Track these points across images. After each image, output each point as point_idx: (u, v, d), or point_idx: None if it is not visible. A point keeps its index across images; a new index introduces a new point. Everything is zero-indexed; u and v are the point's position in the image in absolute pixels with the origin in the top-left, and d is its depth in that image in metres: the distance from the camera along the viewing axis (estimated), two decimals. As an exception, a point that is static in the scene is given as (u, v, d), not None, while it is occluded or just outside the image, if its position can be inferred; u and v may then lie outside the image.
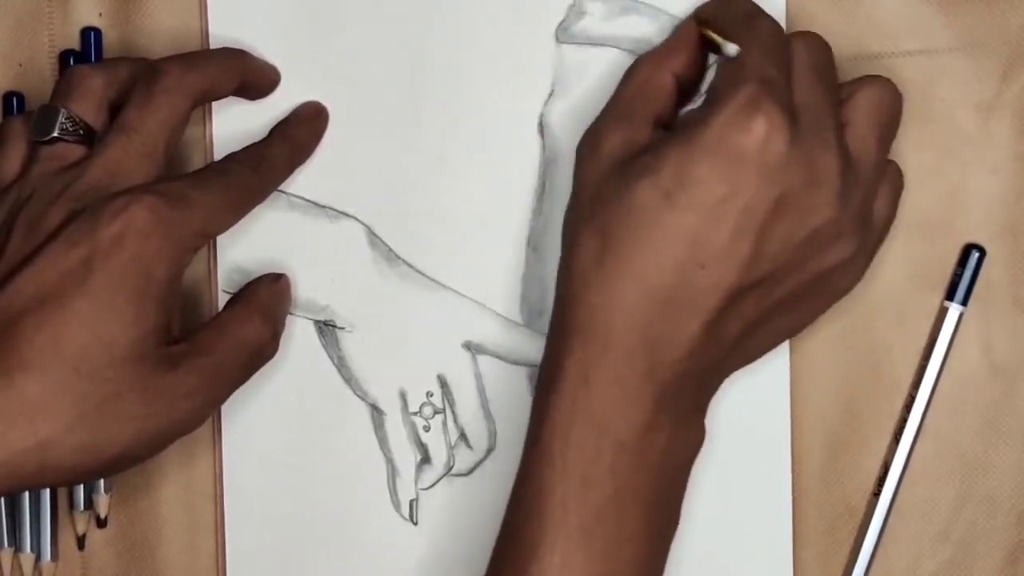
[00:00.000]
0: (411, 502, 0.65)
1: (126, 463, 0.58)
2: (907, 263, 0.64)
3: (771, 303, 0.57)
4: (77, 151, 0.59)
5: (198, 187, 0.59)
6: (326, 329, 0.65)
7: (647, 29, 0.64)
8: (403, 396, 0.65)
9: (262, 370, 0.62)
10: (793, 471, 0.64)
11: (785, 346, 0.64)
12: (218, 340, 0.60)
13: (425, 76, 0.65)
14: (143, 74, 0.60)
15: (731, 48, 0.57)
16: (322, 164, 0.65)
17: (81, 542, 0.66)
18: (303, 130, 0.64)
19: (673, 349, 0.55)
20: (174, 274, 0.58)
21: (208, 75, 0.61)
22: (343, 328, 0.65)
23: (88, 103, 0.60)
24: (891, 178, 0.60)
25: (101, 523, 0.66)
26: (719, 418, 0.64)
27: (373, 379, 0.65)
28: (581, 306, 0.56)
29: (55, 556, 0.66)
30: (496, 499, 0.65)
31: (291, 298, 0.64)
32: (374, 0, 0.65)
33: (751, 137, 0.54)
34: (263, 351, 0.62)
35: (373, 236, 0.65)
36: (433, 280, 0.65)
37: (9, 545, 0.66)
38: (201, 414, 0.59)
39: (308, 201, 0.65)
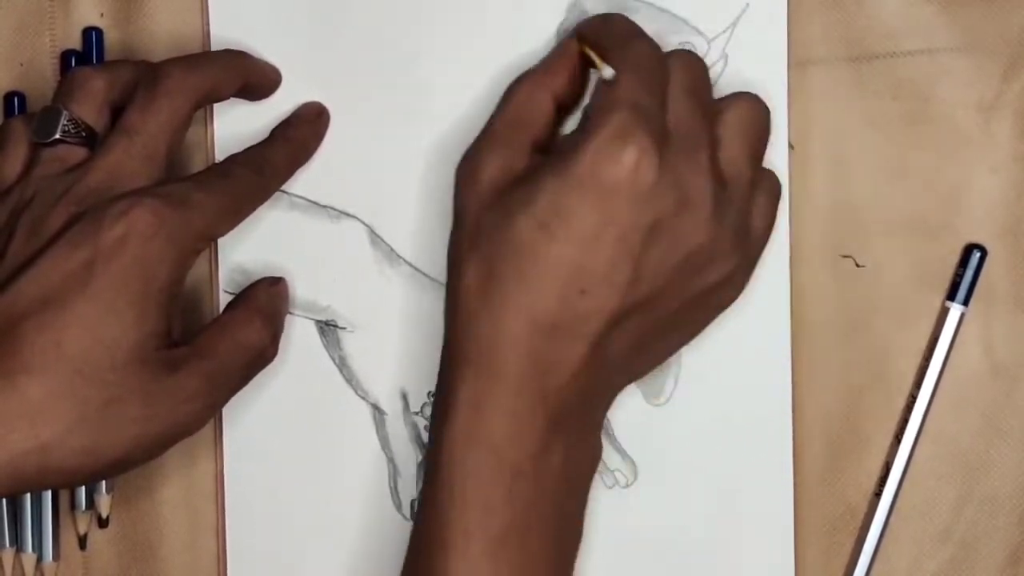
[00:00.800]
0: (412, 502, 0.65)
1: (127, 466, 0.57)
2: (908, 263, 0.64)
3: (654, 323, 0.57)
4: (79, 153, 0.59)
5: (200, 189, 0.59)
6: (327, 329, 0.65)
7: (647, 29, 0.63)
8: (404, 396, 0.65)
9: (263, 370, 0.62)
10: (794, 471, 0.64)
11: (786, 346, 0.64)
12: (219, 343, 0.60)
13: (425, 76, 0.65)
14: (145, 76, 0.60)
15: (607, 71, 0.57)
16: (323, 164, 0.65)
17: (83, 542, 0.66)
18: (304, 131, 0.64)
19: (562, 374, 0.56)
20: (176, 277, 0.58)
21: (210, 77, 0.61)
22: (344, 328, 0.65)
23: (90, 105, 0.60)
24: (767, 187, 0.60)
25: (103, 523, 0.66)
26: (720, 418, 0.64)
27: (374, 379, 0.65)
28: (469, 337, 0.56)
29: (56, 556, 0.66)
30: (497, 499, 0.65)
31: (289, 301, 0.65)
32: (374, 0, 0.65)
33: (621, 168, 0.55)
34: (264, 354, 0.62)
35: (374, 236, 0.65)
36: (434, 280, 0.65)
37: (11, 545, 0.66)
38: (201, 417, 0.59)
39: (309, 201, 0.65)
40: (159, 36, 0.66)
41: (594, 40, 0.60)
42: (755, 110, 0.59)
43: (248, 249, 0.65)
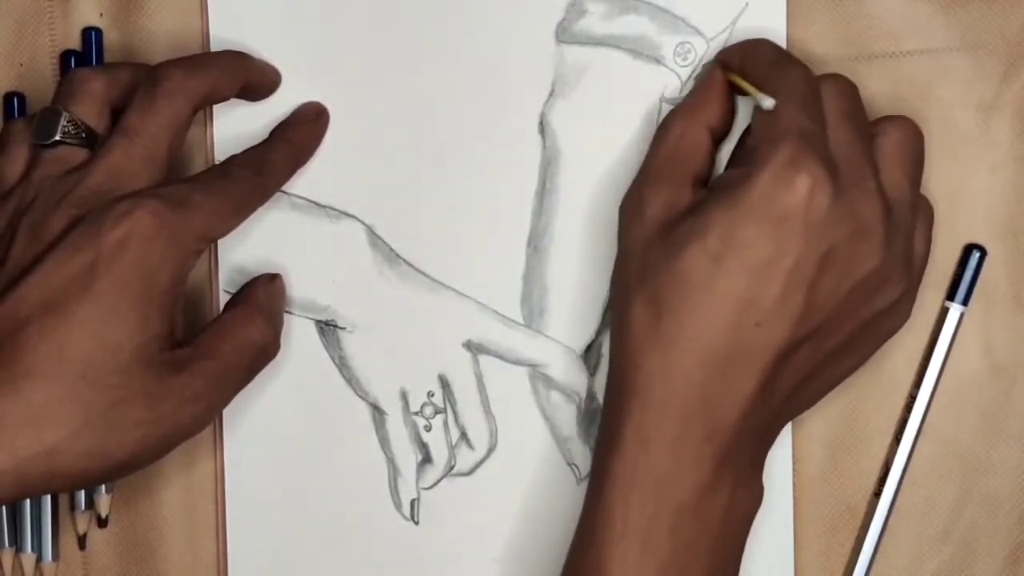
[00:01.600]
0: (412, 502, 0.65)
1: (132, 467, 0.58)
2: (908, 263, 0.64)
3: (824, 354, 0.57)
4: (79, 154, 0.59)
5: (200, 191, 0.59)
6: (327, 329, 0.65)
7: (648, 28, 0.64)
8: (404, 396, 0.65)
9: (264, 370, 0.62)
10: (794, 471, 0.64)
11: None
12: (221, 343, 0.60)
13: (425, 76, 0.65)
14: (145, 78, 0.60)
15: (768, 102, 0.57)
16: (323, 164, 0.65)
17: (82, 542, 0.66)
18: (304, 131, 0.64)
19: (730, 408, 0.56)
20: (177, 278, 0.58)
21: (210, 78, 0.61)
22: (344, 328, 0.65)
23: (90, 106, 0.60)
24: (925, 211, 0.60)
25: (102, 523, 0.66)
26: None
27: (374, 379, 0.65)
28: (639, 372, 0.56)
29: (56, 556, 0.66)
30: (497, 499, 0.65)
31: (286, 296, 0.65)
32: (374, 1, 0.65)
33: (795, 196, 0.55)
34: (266, 351, 0.62)
35: (374, 236, 0.65)
36: (434, 280, 0.65)
37: (10, 545, 0.66)
38: (206, 417, 0.59)
39: (309, 201, 0.65)
40: (159, 36, 0.66)
41: (743, 68, 0.60)
42: (912, 134, 0.59)
43: (248, 249, 0.65)
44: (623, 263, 0.59)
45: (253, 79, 0.63)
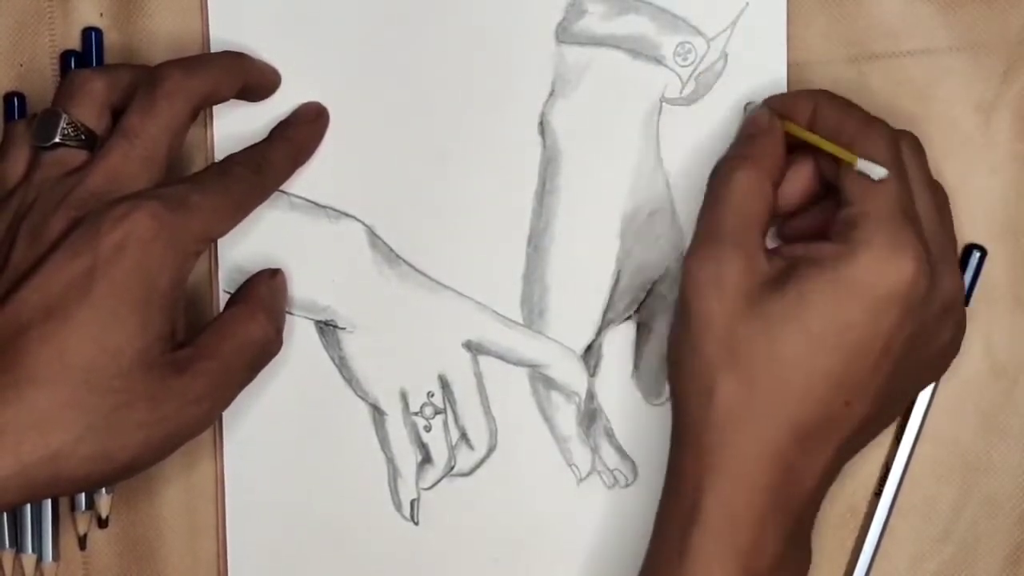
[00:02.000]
0: (412, 502, 0.65)
1: (137, 469, 0.58)
2: (908, 263, 0.64)
3: (887, 415, 0.59)
4: (79, 156, 0.59)
5: (199, 191, 0.58)
6: (327, 329, 0.65)
7: (648, 28, 0.64)
8: (404, 396, 0.65)
9: (263, 370, 0.62)
10: (794, 471, 0.64)
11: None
12: (223, 342, 0.60)
13: (425, 76, 0.65)
14: (145, 79, 0.60)
15: (879, 171, 0.55)
16: (323, 164, 0.65)
17: (82, 542, 0.66)
18: (304, 131, 0.64)
19: (809, 481, 0.56)
20: (177, 280, 0.57)
21: (210, 79, 0.61)
22: (344, 328, 0.65)
23: (90, 108, 0.60)
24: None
25: (102, 523, 0.66)
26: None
27: (374, 379, 0.65)
28: (727, 448, 0.56)
29: (56, 556, 0.66)
30: (497, 499, 0.65)
31: (288, 293, 0.64)
32: (374, 1, 0.65)
33: (901, 279, 0.54)
34: (268, 348, 0.62)
35: (374, 236, 0.65)
36: (434, 280, 0.65)
37: (11, 546, 0.66)
38: (210, 416, 0.59)
39: (309, 201, 0.65)
40: (158, 36, 0.66)
41: (814, 120, 0.59)
42: (945, 197, 0.60)
43: (248, 249, 0.65)
44: (701, 332, 0.56)
45: (253, 80, 0.63)
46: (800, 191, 0.60)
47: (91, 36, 0.65)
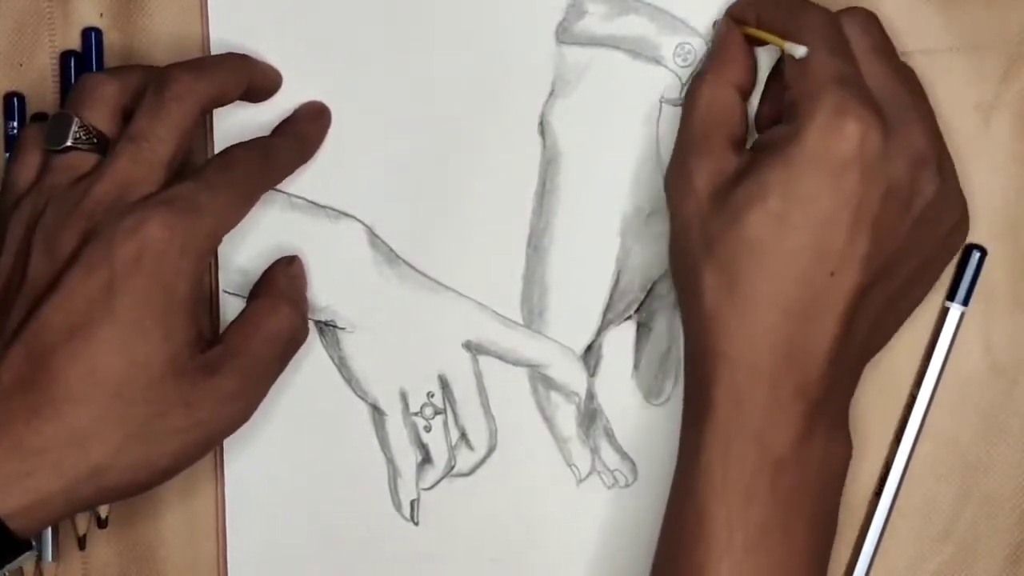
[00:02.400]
0: (412, 502, 0.65)
1: (176, 471, 0.58)
2: (908, 263, 0.64)
3: (895, 289, 0.58)
4: (90, 160, 0.59)
5: (206, 189, 0.58)
6: (326, 329, 0.65)
7: (647, 29, 0.64)
8: (404, 396, 0.65)
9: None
10: (794, 471, 0.64)
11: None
12: (251, 338, 0.60)
13: (425, 76, 0.65)
14: (153, 82, 0.60)
15: (799, 50, 0.57)
16: (323, 164, 0.65)
17: (82, 542, 0.66)
18: (308, 127, 0.64)
19: (816, 359, 0.56)
20: (195, 282, 0.58)
21: (217, 82, 0.61)
22: (343, 328, 0.65)
23: (101, 111, 0.60)
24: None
25: (102, 523, 0.66)
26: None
27: (374, 379, 0.65)
28: (721, 337, 0.57)
29: (56, 556, 0.66)
30: (497, 498, 0.65)
31: (307, 278, 0.64)
32: (374, 1, 0.65)
33: (848, 143, 0.55)
34: (296, 337, 0.62)
35: (373, 236, 0.65)
36: (433, 280, 0.65)
37: (10, 546, 0.66)
38: (246, 412, 0.60)
39: (308, 201, 0.65)
40: (158, 36, 0.66)
41: (759, 19, 0.60)
42: (913, 73, 0.60)
43: (248, 249, 0.65)
44: (683, 237, 0.59)
45: (256, 81, 0.63)
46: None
47: (91, 36, 0.65)
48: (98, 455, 0.55)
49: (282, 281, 0.63)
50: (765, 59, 0.62)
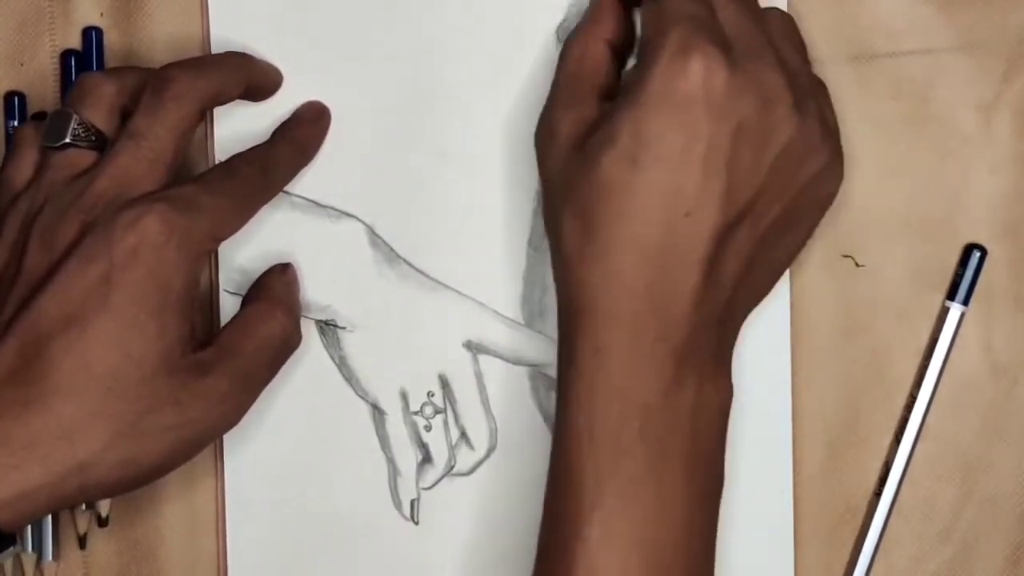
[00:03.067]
0: (412, 502, 0.65)
1: (164, 471, 0.58)
2: (908, 263, 0.64)
3: (762, 231, 0.57)
4: (88, 157, 0.59)
5: (207, 192, 0.59)
6: (327, 329, 0.65)
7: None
8: (404, 396, 0.65)
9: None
10: (794, 471, 0.64)
11: (786, 346, 0.64)
12: (244, 341, 0.60)
13: (426, 76, 0.65)
14: (152, 80, 0.60)
15: None
16: (323, 164, 0.65)
17: (82, 541, 0.66)
18: (307, 131, 0.64)
19: (679, 304, 0.55)
20: (191, 281, 0.58)
21: (216, 80, 0.61)
22: (344, 328, 0.65)
23: (100, 109, 0.60)
24: (821, 87, 0.61)
25: (102, 522, 0.66)
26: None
27: (374, 379, 0.65)
28: (581, 286, 0.56)
29: (56, 555, 0.66)
30: (498, 498, 0.65)
31: (300, 284, 0.64)
32: (374, 1, 0.65)
33: (692, 80, 0.55)
34: (289, 343, 0.62)
35: (374, 236, 0.65)
36: (434, 280, 0.65)
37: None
38: (236, 415, 0.60)
39: (309, 201, 0.65)
40: (159, 36, 0.66)
41: None
42: (789, 19, 0.60)
43: (248, 249, 0.65)
44: (547, 189, 0.59)
45: (256, 80, 0.63)
46: None
47: (91, 36, 0.65)
48: (85, 451, 0.55)
49: (278, 287, 0.63)
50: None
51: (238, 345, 0.60)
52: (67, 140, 0.59)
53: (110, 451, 0.56)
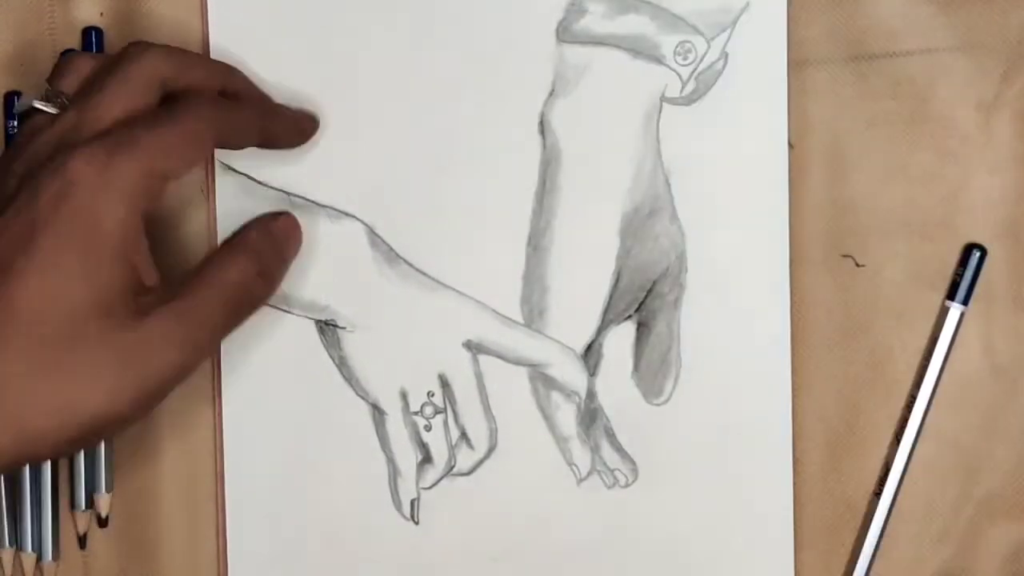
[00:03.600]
0: (412, 502, 0.65)
1: (115, 420, 0.56)
2: (908, 263, 0.64)
3: None
4: (50, 121, 0.59)
5: (144, 128, 0.57)
6: (327, 329, 0.65)
7: (648, 27, 0.64)
8: (404, 396, 0.65)
9: (263, 369, 0.62)
10: (794, 471, 0.64)
11: (786, 346, 0.64)
12: (196, 283, 0.58)
13: (425, 75, 0.65)
14: (123, 49, 0.59)
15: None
16: (323, 164, 0.65)
17: (82, 541, 0.66)
18: (307, 123, 0.64)
19: None
20: (128, 222, 0.56)
21: (179, 60, 0.60)
22: (344, 328, 0.65)
23: (71, 79, 0.59)
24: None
25: (102, 522, 0.66)
26: (720, 418, 0.64)
27: (374, 379, 0.65)
28: None
29: (56, 555, 0.66)
30: (497, 499, 0.65)
31: (296, 236, 0.63)
32: (373, 1, 0.65)
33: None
34: (249, 291, 0.60)
35: (374, 235, 0.65)
36: (434, 279, 0.65)
37: (11, 544, 0.66)
38: (189, 361, 0.57)
39: (309, 201, 0.65)
40: (159, 36, 0.66)
41: None
42: None
43: (248, 249, 0.65)
44: None
45: (234, 87, 0.62)
46: None
47: (91, 35, 0.65)
48: (15, 399, 0.54)
49: (253, 235, 0.61)
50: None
51: (188, 288, 0.57)
52: (32, 104, 0.59)
53: (42, 397, 0.54)
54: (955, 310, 0.64)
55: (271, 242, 0.62)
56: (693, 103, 0.64)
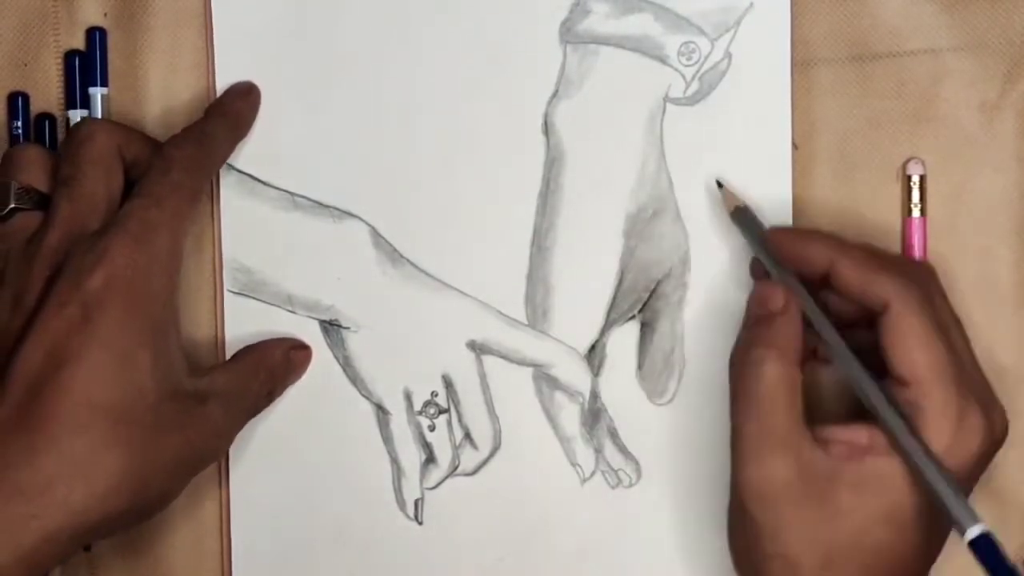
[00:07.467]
0: (416, 502, 0.65)
1: (168, 499, 0.59)
2: (910, 263, 0.64)
3: None
4: (35, 218, 0.60)
5: (153, 205, 0.59)
6: (331, 329, 0.65)
7: (652, 28, 0.64)
8: (408, 396, 0.65)
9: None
10: (796, 470, 0.64)
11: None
12: (233, 383, 0.61)
13: (429, 75, 0.65)
14: (70, 133, 0.61)
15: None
16: (326, 164, 0.65)
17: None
18: (239, 104, 0.64)
19: None
20: (168, 299, 0.58)
21: (123, 129, 0.62)
22: (348, 328, 0.65)
23: (35, 172, 0.61)
24: None
25: (105, 523, 0.66)
26: (723, 418, 0.64)
27: (378, 379, 0.65)
28: None
29: (59, 556, 0.66)
30: (501, 499, 0.65)
31: (303, 370, 0.65)
32: (378, 1, 0.64)
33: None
34: (256, 405, 0.63)
35: (377, 236, 0.65)
36: (437, 280, 0.65)
37: (13, 544, 0.66)
38: (227, 444, 0.62)
39: (312, 201, 0.65)
40: (162, 37, 0.65)
41: (842, 285, 0.59)
42: None
43: (251, 249, 0.65)
44: (761, 539, 0.57)
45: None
46: None
47: (95, 36, 0.65)
48: (103, 483, 0.55)
49: (278, 356, 0.64)
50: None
51: (229, 385, 0.61)
52: (12, 205, 0.60)
53: (125, 480, 0.56)
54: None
55: (286, 371, 0.64)
56: (697, 103, 0.64)
